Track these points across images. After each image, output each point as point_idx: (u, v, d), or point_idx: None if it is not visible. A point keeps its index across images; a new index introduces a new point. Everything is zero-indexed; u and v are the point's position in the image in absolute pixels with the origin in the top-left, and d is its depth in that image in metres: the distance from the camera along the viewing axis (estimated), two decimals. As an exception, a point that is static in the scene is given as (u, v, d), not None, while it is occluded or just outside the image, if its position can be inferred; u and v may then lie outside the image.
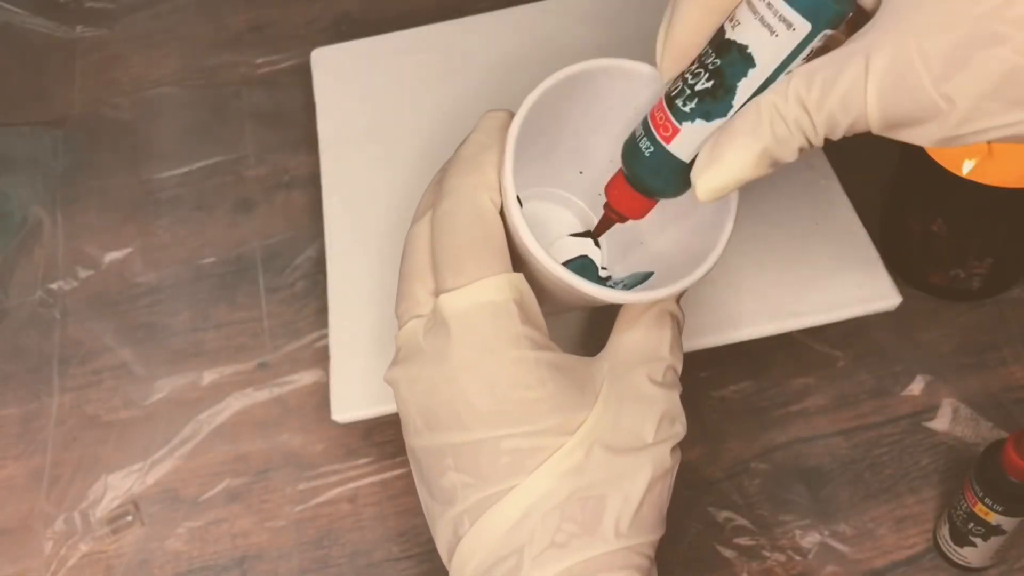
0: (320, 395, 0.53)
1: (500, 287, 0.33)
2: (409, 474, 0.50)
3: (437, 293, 0.34)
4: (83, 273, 0.60)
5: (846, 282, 0.45)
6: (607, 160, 0.39)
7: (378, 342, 0.47)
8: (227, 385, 0.54)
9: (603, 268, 0.42)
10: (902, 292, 0.45)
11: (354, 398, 0.46)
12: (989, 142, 0.28)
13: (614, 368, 0.35)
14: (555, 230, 0.42)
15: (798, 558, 0.46)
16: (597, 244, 0.42)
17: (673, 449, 0.34)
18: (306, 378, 0.54)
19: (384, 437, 0.52)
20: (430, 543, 0.48)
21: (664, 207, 0.36)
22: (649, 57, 0.35)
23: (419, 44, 0.57)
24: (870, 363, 0.51)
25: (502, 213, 0.35)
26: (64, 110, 0.68)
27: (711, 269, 0.34)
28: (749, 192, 0.35)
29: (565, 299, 0.36)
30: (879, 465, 0.48)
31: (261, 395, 0.54)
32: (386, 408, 0.45)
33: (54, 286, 0.60)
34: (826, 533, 0.47)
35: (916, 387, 0.50)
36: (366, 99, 0.56)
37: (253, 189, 0.62)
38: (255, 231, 0.60)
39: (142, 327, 0.57)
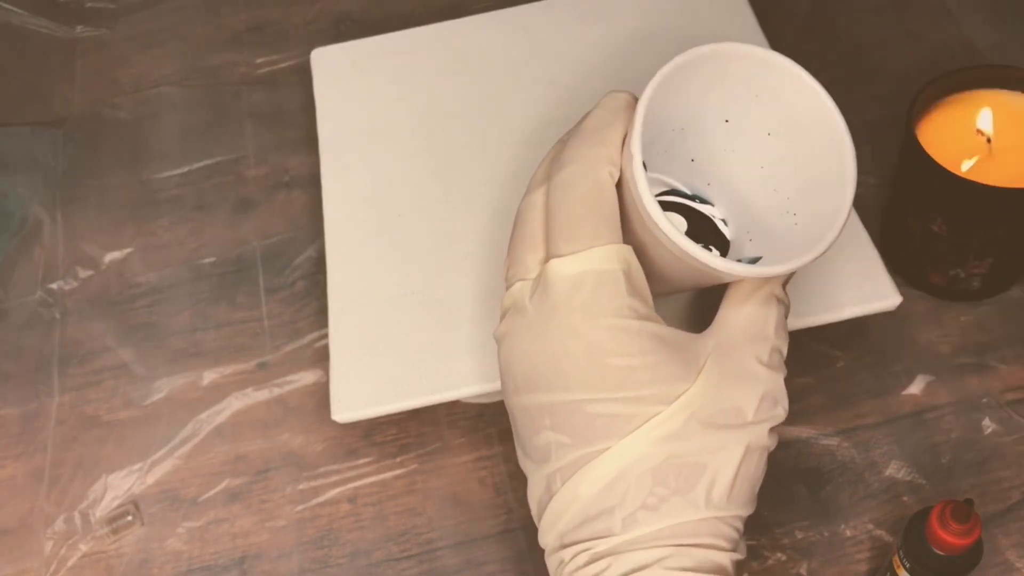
0: (320, 395, 0.53)
1: (609, 257, 0.34)
2: (409, 474, 0.51)
3: (546, 260, 0.35)
4: (83, 273, 0.60)
5: (846, 282, 0.45)
6: (721, 149, 0.39)
7: (378, 342, 0.47)
8: (227, 385, 0.54)
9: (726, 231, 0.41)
10: (902, 292, 0.45)
11: (354, 398, 0.45)
12: None
13: (720, 345, 0.35)
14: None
15: (798, 558, 0.46)
16: (725, 222, 0.41)
17: (771, 430, 0.35)
18: (306, 378, 0.54)
19: (384, 437, 0.52)
20: (430, 543, 0.49)
21: (780, 201, 0.37)
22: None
23: (419, 44, 0.57)
24: (870, 363, 0.51)
25: (618, 188, 0.35)
26: (64, 110, 0.68)
27: (825, 252, 0.34)
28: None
29: (675, 275, 0.36)
30: (879, 465, 0.48)
31: (261, 395, 0.54)
32: (386, 408, 0.45)
33: (54, 286, 0.60)
34: (826, 533, 0.47)
35: (916, 387, 0.50)
36: (366, 99, 0.55)
37: (253, 189, 0.62)
38: (255, 231, 0.60)
39: (142, 327, 0.57)
